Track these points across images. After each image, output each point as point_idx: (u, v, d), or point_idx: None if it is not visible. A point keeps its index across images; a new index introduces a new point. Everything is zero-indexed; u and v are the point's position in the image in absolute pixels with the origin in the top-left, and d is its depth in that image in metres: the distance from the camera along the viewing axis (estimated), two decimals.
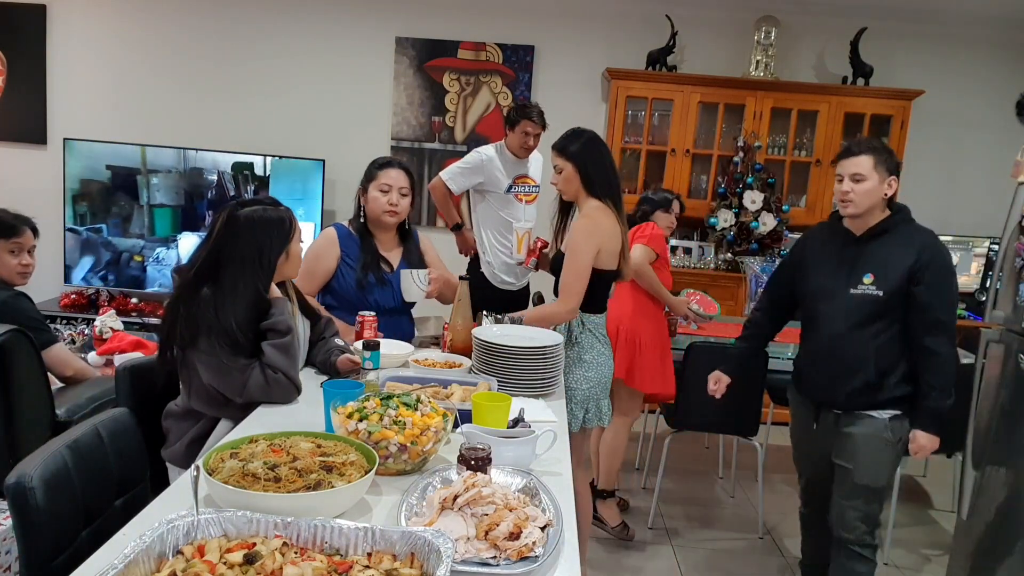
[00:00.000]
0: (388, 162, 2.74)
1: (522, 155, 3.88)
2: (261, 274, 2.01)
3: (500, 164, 3.87)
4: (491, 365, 2.19)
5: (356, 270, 2.64)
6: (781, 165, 5.02)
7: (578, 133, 2.68)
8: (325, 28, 5.08)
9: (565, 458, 1.77)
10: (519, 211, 3.91)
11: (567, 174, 2.65)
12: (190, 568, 1.11)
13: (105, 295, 4.95)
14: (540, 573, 1.27)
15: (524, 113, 3.82)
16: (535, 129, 3.82)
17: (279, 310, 2.02)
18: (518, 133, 3.82)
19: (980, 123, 5.14)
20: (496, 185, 3.86)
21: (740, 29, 5.01)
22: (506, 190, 3.88)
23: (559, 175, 2.67)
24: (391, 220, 2.69)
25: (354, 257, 2.64)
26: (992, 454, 2.71)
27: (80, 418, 2.55)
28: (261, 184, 4.93)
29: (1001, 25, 4.99)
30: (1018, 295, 2.66)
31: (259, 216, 2.03)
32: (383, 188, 2.66)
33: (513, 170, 3.90)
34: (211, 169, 4.92)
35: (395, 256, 2.75)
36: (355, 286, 2.63)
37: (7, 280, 2.72)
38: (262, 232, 2.02)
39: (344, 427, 1.60)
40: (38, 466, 1.46)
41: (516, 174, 3.90)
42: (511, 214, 3.88)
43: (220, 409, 2.01)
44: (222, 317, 1.93)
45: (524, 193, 3.93)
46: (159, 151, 4.91)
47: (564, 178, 2.66)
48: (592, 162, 2.63)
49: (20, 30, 5.03)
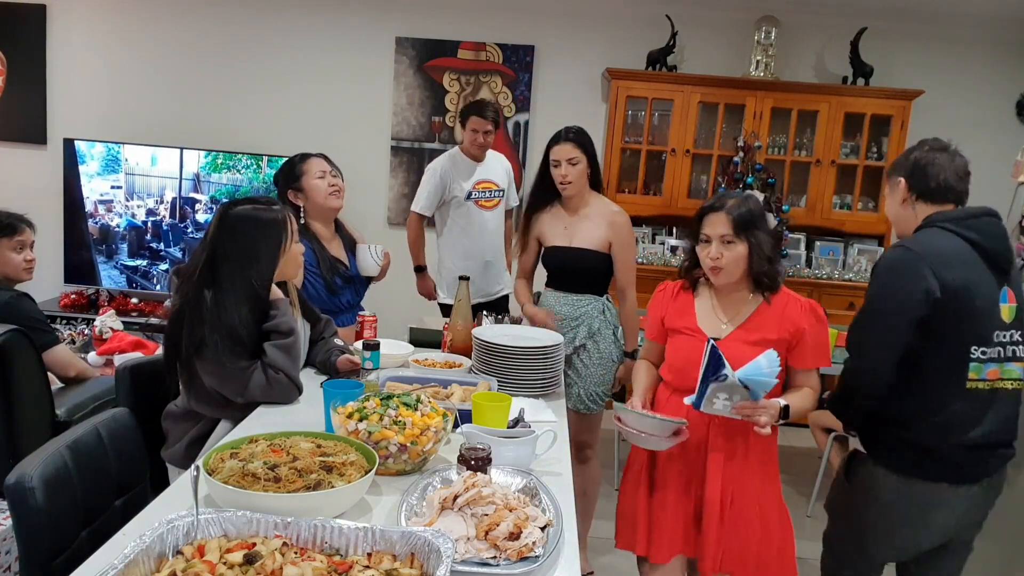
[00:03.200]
0: (303, 155, 2.75)
1: (477, 155, 3.77)
2: (257, 272, 2.00)
3: (454, 170, 3.75)
4: (491, 365, 2.19)
5: (319, 275, 2.62)
6: (781, 165, 5.02)
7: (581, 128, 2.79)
8: (325, 28, 5.08)
9: (565, 458, 1.77)
10: (481, 220, 3.79)
11: (583, 167, 2.71)
12: (190, 568, 1.11)
13: (105, 295, 4.95)
14: (540, 573, 1.27)
15: (473, 109, 3.69)
16: (482, 126, 3.66)
17: (281, 311, 2.02)
18: (468, 131, 3.71)
19: (980, 123, 5.13)
20: (458, 191, 3.74)
21: (740, 29, 5.01)
22: (466, 197, 3.76)
23: (573, 167, 2.69)
24: (338, 202, 2.72)
25: (312, 263, 2.60)
26: None
27: (80, 418, 2.55)
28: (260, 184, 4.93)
29: (1001, 25, 4.99)
30: None
31: (250, 214, 2.03)
32: (318, 175, 2.68)
33: (469, 174, 3.76)
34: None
35: (337, 248, 2.78)
36: (326, 291, 2.62)
37: (13, 277, 2.80)
38: (254, 230, 2.01)
39: (344, 427, 1.61)
40: (38, 466, 1.46)
41: (474, 180, 3.77)
42: (473, 226, 3.76)
43: (220, 410, 2.01)
44: (224, 318, 1.93)
45: (486, 199, 3.80)
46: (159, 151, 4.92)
47: (579, 171, 2.71)
48: (594, 156, 2.78)
49: (20, 30, 5.03)
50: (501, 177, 3.89)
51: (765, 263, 1.97)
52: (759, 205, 2.04)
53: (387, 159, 5.17)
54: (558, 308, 2.81)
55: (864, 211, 5.04)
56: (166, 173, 4.94)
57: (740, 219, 1.94)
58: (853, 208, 5.03)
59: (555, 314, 2.78)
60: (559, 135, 2.76)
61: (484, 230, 3.81)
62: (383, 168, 5.20)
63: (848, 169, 5.01)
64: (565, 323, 2.77)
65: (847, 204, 5.06)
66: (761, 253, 1.96)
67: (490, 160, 3.86)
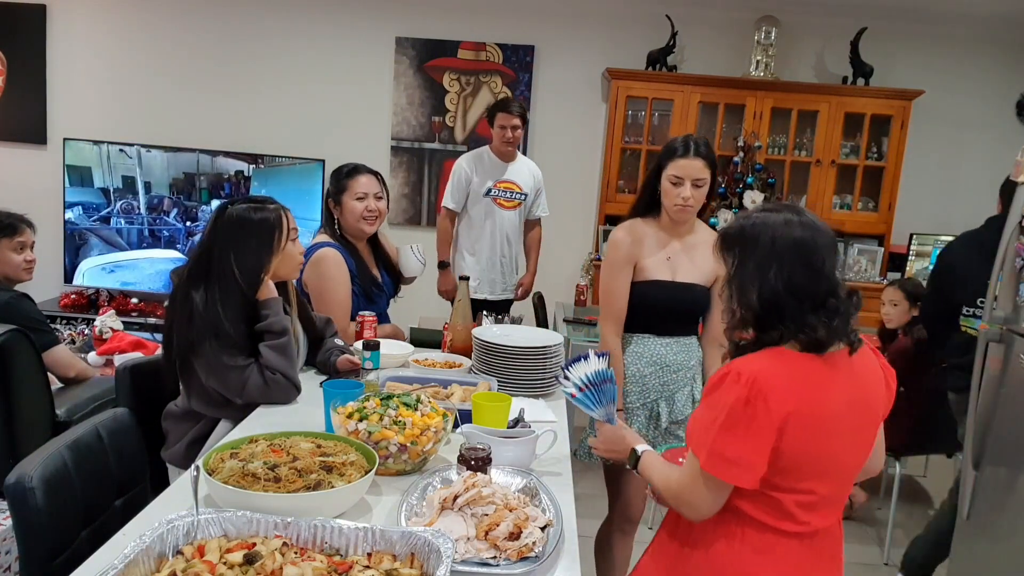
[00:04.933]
0: (355, 168, 2.68)
1: (505, 154, 3.81)
2: (244, 271, 1.98)
3: (479, 167, 3.81)
4: (491, 365, 2.19)
5: (359, 284, 2.62)
6: (781, 165, 5.01)
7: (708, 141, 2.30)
8: (325, 28, 5.08)
9: (565, 458, 1.77)
10: (497, 218, 3.84)
11: (707, 191, 2.23)
12: (190, 568, 1.11)
13: (105, 295, 4.95)
14: (540, 573, 1.27)
15: (499, 106, 3.75)
16: (510, 120, 3.70)
17: (273, 310, 2.01)
18: (496, 128, 3.75)
19: (980, 123, 5.13)
20: (478, 187, 3.81)
21: (740, 29, 5.01)
22: (485, 193, 3.82)
23: (698, 189, 2.19)
24: (370, 229, 2.65)
25: (353, 271, 2.60)
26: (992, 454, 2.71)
27: (80, 418, 2.55)
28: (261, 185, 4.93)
29: (1001, 25, 4.99)
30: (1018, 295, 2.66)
31: (243, 214, 2.02)
32: (359, 196, 2.61)
33: (494, 173, 3.82)
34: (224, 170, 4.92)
35: (370, 258, 2.75)
36: (365, 300, 2.62)
37: (13, 277, 2.80)
38: (245, 230, 2.00)
39: (344, 427, 1.60)
40: (38, 466, 1.46)
41: (497, 178, 3.83)
42: (488, 222, 3.83)
43: (220, 410, 2.01)
44: (213, 315, 1.92)
45: (506, 199, 3.84)
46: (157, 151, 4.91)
47: (703, 195, 2.22)
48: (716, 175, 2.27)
49: (20, 30, 5.03)
50: (527, 182, 3.90)
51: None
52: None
53: (387, 159, 5.16)
54: (668, 356, 2.29)
55: (864, 211, 5.04)
56: (166, 173, 4.94)
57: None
58: (853, 208, 5.03)
59: (661, 363, 2.29)
60: (687, 146, 2.19)
61: (499, 228, 3.85)
62: (383, 168, 5.16)
63: (848, 169, 5.01)
64: (680, 375, 2.30)
65: (847, 204, 5.06)
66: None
67: (520, 164, 3.89)
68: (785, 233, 1.38)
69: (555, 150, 5.02)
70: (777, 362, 1.35)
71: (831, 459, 1.38)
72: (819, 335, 1.34)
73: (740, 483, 1.34)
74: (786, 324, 1.36)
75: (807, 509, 1.39)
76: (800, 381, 1.34)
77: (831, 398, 1.36)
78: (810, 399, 1.33)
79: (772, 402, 1.30)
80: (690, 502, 1.40)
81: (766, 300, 1.37)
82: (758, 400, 1.30)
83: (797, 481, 1.37)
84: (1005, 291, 2.72)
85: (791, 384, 1.32)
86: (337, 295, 2.54)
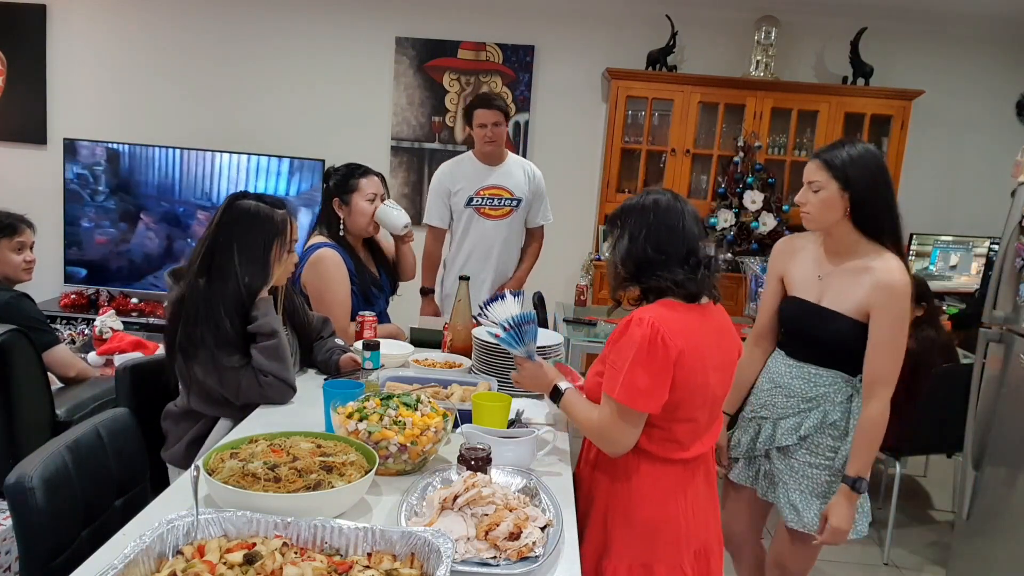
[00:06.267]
0: (367, 170, 2.68)
1: (489, 156, 3.36)
2: (247, 268, 1.97)
3: (459, 174, 3.38)
4: (491, 365, 2.19)
5: (358, 285, 2.62)
6: (781, 165, 5.01)
7: (867, 153, 2.01)
8: (325, 28, 5.08)
9: (565, 458, 1.77)
10: (480, 231, 3.39)
11: (829, 197, 1.98)
12: (190, 568, 1.11)
13: (105, 295, 4.95)
14: (540, 573, 1.27)
15: (476, 103, 3.28)
16: (489, 117, 3.23)
17: (262, 311, 1.99)
18: (475, 129, 3.30)
19: (980, 123, 5.13)
20: (458, 198, 3.39)
21: (740, 29, 5.01)
22: (466, 203, 3.36)
23: (814, 193, 2.00)
24: (378, 231, 2.67)
25: (352, 271, 2.60)
26: (992, 454, 2.71)
27: (80, 418, 2.55)
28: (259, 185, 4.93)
29: (1001, 25, 4.99)
30: (1018, 295, 2.66)
31: (253, 209, 2.02)
32: (370, 198, 2.62)
33: (476, 180, 3.36)
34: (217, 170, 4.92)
35: (368, 258, 2.75)
36: (363, 301, 2.61)
37: (13, 277, 2.80)
38: (255, 224, 2.00)
39: (344, 427, 1.60)
40: (38, 466, 1.46)
41: (480, 185, 3.36)
42: (470, 237, 3.38)
43: (219, 409, 2.01)
44: (212, 308, 1.92)
45: (491, 207, 3.36)
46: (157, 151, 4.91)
47: (821, 201, 1.98)
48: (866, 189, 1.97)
49: (20, 30, 5.03)
50: (520, 185, 3.40)
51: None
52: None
53: (387, 159, 5.16)
54: (786, 379, 2.06)
55: None
56: (166, 173, 4.94)
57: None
58: None
59: (777, 382, 2.09)
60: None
61: (483, 243, 3.40)
62: (383, 168, 5.16)
63: None
64: (793, 402, 2.04)
65: None
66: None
67: (511, 165, 3.42)
68: (651, 203, 1.68)
69: (555, 150, 5.02)
70: (668, 309, 1.61)
71: (709, 389, 1.64)
72: (691, 288, 1.63)
73: (649, 409, 1.57)
74: (659, 276, 1.63)
75: (693, 436, 1.66)
76: (685, 324, 1.60)
77: (707, 339, 1.64)
78: (693, 339, 1.60)
79: (669, 340, 1.55)
80: (611, 438, 1.62)
81: (638, 256, 1.65)
82: (658, 339, 1.54)
83: (687, 411, 1.62)
84: (1005, 291, 2.73)
85: (680, 327, 1.58)
86: (337, 295, 2.54)
